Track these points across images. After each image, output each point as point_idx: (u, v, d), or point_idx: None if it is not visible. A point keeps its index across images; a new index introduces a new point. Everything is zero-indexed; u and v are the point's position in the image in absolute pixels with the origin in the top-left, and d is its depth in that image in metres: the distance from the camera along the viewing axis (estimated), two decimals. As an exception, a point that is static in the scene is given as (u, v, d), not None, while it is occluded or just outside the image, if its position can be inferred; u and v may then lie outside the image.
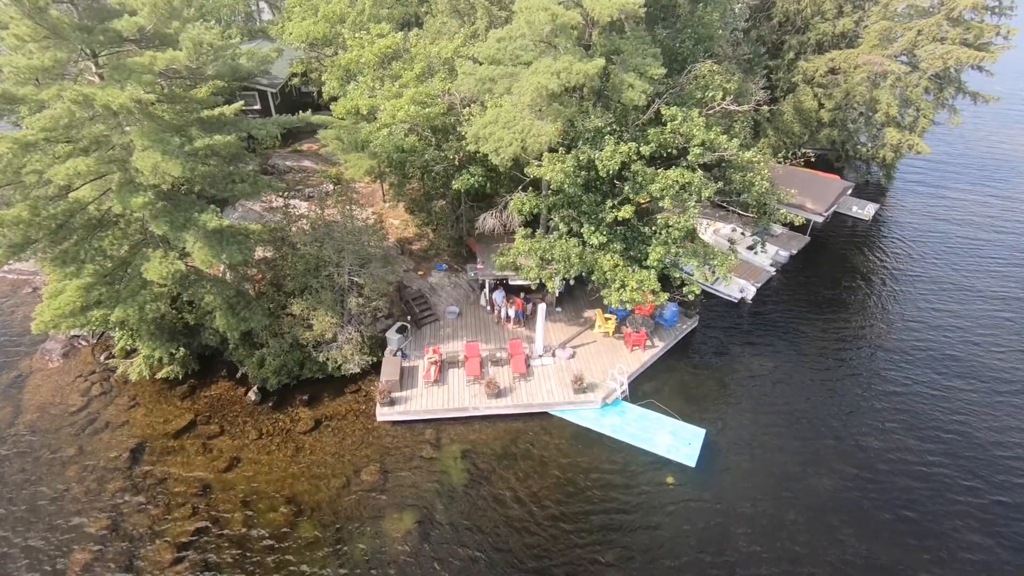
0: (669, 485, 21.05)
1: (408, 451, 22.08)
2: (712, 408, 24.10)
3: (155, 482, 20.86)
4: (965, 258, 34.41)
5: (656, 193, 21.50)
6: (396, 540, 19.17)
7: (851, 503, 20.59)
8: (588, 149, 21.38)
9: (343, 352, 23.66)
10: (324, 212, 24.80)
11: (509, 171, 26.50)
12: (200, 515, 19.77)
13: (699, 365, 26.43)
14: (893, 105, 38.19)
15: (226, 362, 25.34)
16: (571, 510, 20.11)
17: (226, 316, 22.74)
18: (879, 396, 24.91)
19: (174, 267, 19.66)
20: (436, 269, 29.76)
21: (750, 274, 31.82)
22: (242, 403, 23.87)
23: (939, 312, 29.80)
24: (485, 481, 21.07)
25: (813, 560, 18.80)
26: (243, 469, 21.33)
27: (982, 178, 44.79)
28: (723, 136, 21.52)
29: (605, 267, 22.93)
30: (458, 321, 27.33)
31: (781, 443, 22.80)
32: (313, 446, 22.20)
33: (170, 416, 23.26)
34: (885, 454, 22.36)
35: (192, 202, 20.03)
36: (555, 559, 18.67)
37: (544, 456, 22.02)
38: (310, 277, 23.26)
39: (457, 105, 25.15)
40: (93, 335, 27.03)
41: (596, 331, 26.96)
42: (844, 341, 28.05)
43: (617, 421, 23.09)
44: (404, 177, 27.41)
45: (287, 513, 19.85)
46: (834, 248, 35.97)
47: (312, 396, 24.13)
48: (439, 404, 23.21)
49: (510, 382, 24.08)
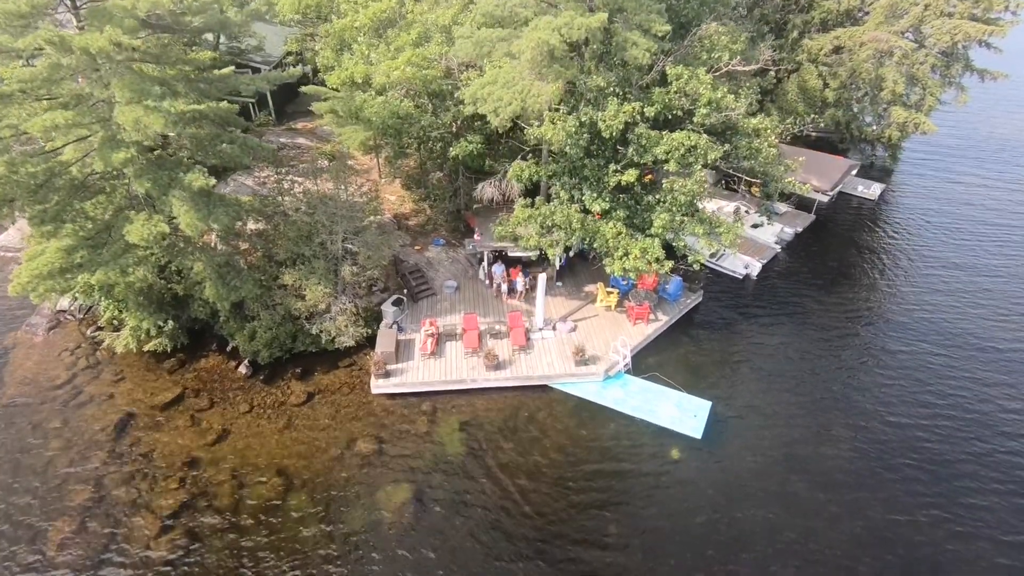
0: (674, 458, 20.32)
1: (404, 424, 21.34)
2: (718, 381, 23.38)
3: (141, 454, 20.10)
4: (972, 237, 33.66)
5: (661, 156, 20.75)
6: (391, 513, 18.44)
7: (861, 474, 19.90)
8: (590, 110, 20.62)
9: (337, 324, 22.88)
10: (319, 185, 23.95)
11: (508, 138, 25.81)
12: (187, 487, 19.03)
13: (704, 339, 25.69)
14: (900, 83, 37.38)
15: (217, 336, 24.58)
16: (572, 483, 19.38)
17: (215, 286, 21.93)
18: (885, 368, 24.25)
19: (157, 229, 18.83)
20: (433, 244, 29.00)
21: (755, 251, 31.09)
22: (233, 377, 23.11)
23: (945, 289, 29.09)
24: (484, 454, 20.33)
25: (825, 532, 18.10)
26: (233, 442, 20.58)
27: (989, 159, 44.05)
28: (730, 96, 20.76)
29: (608, 235, 22.18)
30: (456, 295, 26.57)
31: (789, 415, 22.10)
32: (306, 419, 21.45)
33: (158, 389, 22.49)
34: (893, 424, 21.73)
35: (178, 162, 19.24)
36: (555, 533, 17.94)
37: (545, 429, 21.29)
38: (302, 244, 22.47)
39: (455, 70, 24.37)
40: (80, 310, 26.28)
41: (598, 305, 26.21)
42: (850, 316, 27.34)
43: (620, 394, 22.36)
44: (400, 148, 26.62)
45: (278, 485, 19.11)
46: (840, 227, 35.23)
47: (305, 370, 23.37)
48: (436, 376, 22.47)
49: (509, 354, 23.33)
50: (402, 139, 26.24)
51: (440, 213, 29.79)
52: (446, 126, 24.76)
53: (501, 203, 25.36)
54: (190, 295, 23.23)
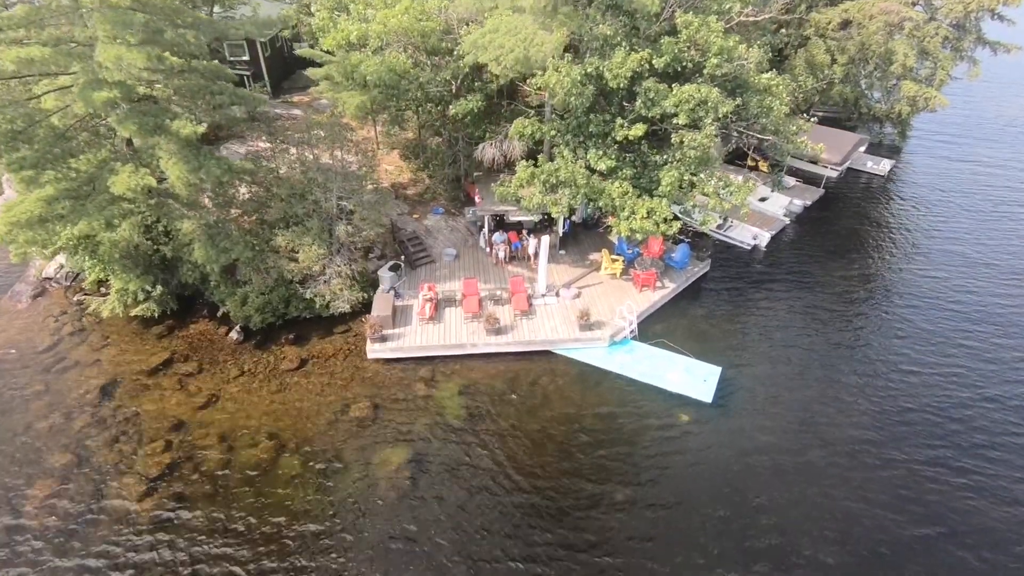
0: (683, 422, 19.44)
1: (401, 389, 20.47)
2: (727, 347, 22.50)
3: (126, 418, 19.23)
4: (981, 213, 32.67)
5: (670, 109, 19.85)
6: (386, 476, 17.58)
7: (877, 435, 19.05)
8: (596, 60, 19.73)
9: (331, 287, 22.00)
10: (314, 155, 22.91)
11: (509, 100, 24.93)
12: (173, 450, 18.16)
13: (712, 306, 24.80)
14: (910, 56, 36.42)
15: (207, 303, 23.71)
16: (577, 449, 18.51)
17: (205, 247, 21.02)
18: (897, 336, 23.46)
19: (144, 181, 17.96)
20: (432, 213, 28.10)
21: (763, 223, 30.22)
22: (223, 343, 22.24)
23: (953, 260, 28.25)
24: (484, 418, 19.46)
25: (843, 494, 17.23)
26: (222, 406, 19.71)
27: (998, 137, 43.16)
28: (742, 46, 19.86)
29: (613, 194, 21.30)
30: (455, 263, 25.68)
31: (801, 380, 21.26)
32: (298, 384, 20.58)
33: (145, 354, 21.62)
34: (906, 385, 21.02)
35: (165, 110, 18.34)
36: (560, 500, 17.07)
37: (548, 394, 20.42)
38: (295, 203, 21.58)
39: (454, 27, 23.44)
40: (67, 277, 25.40)
41: (603, 273, 25.32)
42: (860, 284, 26.49)
43: (626, 359, 21.48)
44: (399, 110, 25.72)
45: (268, 448, 18.24)
46: (849, 200, 34.36)
47: (299, 336, 22.50)
48: (435, 341, 21.59)
49: (511, 319, 22.46)
50: (400, 101, 25.34)
51: (439, 182, 28.89)
52: (445, 83, 23.83)
53: (503, 166, 24.46)
54: (179, 257, 22.34)
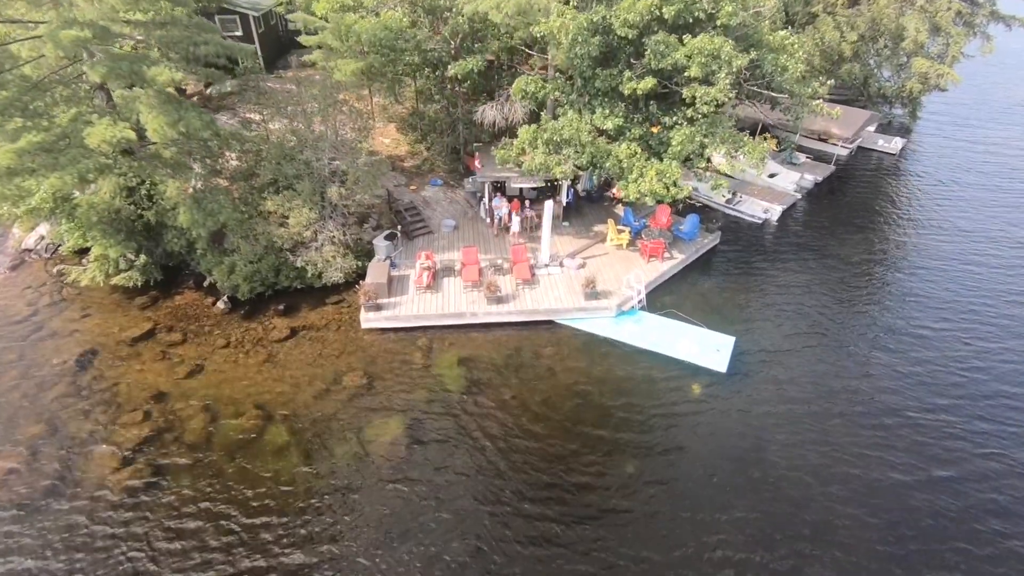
0: (696, 393, 18.30)
1: (397, 359, 19.32)
2: (739, 319, 21.36)
3: (103, 388, 18.05)
4: (994, 191, 31.56)
5: (682, 60, 18.74)
6: (381, 446, 16.42)
7: (900, 406, 17.95)
8: (602, 8, 18.63)
9: (323, 255, 20.87)
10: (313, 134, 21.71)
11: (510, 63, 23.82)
12: (153, 421, 16.98)
13: (723, 278, 23.67)
14: (922, 31, 35.38)
15: (194, 273, 22.54)
16: (584, 421, 17.34)
17: (191, 211, 19.87)
18: (914, 306, 22.42)
19: (122, 133, 16.78)
20: (430, 184, 26.99)
21: (774, 197, 29.16)
22: (210, 313, 21.06)
23: (966, 236, 27.11)
24: (485, 389, 18.31)
25: (867, 467, 16.09)
26: (206, 376, 18.54)
27: (1011, 118, 42.15)
28: (758, -7, 18.77)
29: (621, 156, 20.19)
30: (454, 234, 24.55)
31: (817, 350, 20.16)
32: (288, 354, 19.42)
33: (127, 325, 20.44)
34: (928, 356, 19.97)
35: (142, 56, 17.19)
36: (565, 475, 15.89)
37: (552, 365, 19.27)
38: (285, 164, 20.43)
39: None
40: (47, 249, 24.23)
41: (608, 244, 24.20)
42: (873, 258, 25.39)
43: (634, 329, 20.35)
44: (396, 74, 24.59)
45: (255, 418, 17.07)
46: (860, 178, 33.28)
47: (289, 306, 21.33)
48: (432, 310, 20.45)
49: (513, 289, 21.32)
50: (397, 65, 24.23)
51: (437, 153, 27.82)
52: (444, 41, 22.71)
53: (504, 130, 23.34)
54: (163, 223, 21.18)
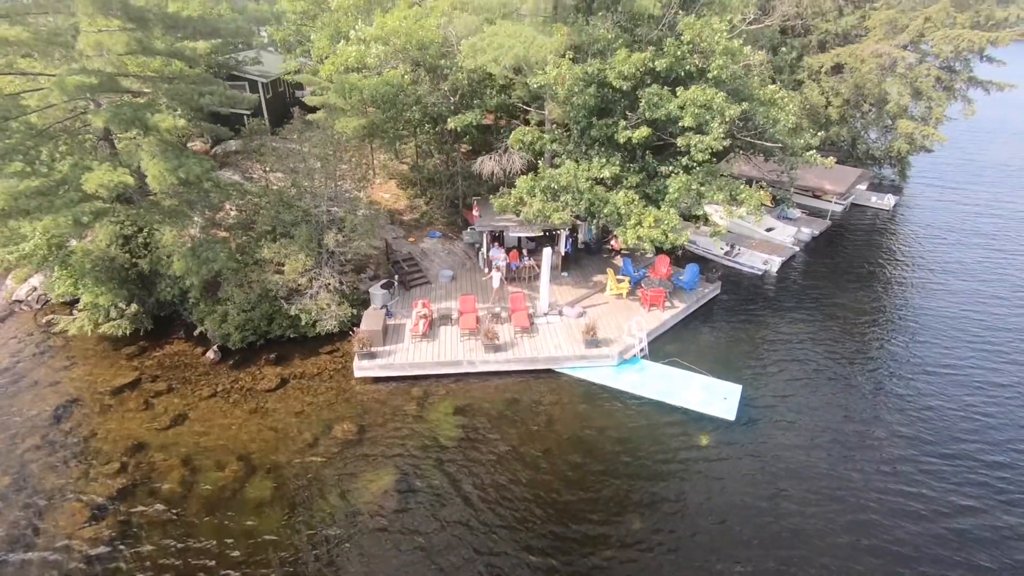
0: (703, 443, 17.39)
1: (390, 408, 18.50)
2: (744, 367, 20.71)
3: (79, 440, 17.14)
4: (989, 247, 31.62)
5: (675, 111, 19.17)
6: (370, 501, 15.34)
7: (915, 451, 17.09)
8: (597, 62, 19.26)
9: (318, 302, 20.49)
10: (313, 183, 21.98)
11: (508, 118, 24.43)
12: (128, 473, 15.98)
13: (725, 327, 23.18)
14: (905, 95, 36.85)
15: (185, 323, 22.08)
16: (586, 473, 16.36)
17: (185, 259, 19.70)
18: (919, 352, 21.90)
19: (120, 178, 16.83)
20: (429, 236, 27.03)
21: (772, 249, 29.18)
22: (198, 363, 20.42)
23: (965, 288, 26.90)
24: (481, 440, 17.40)
25: (891, 522, 14.97)
26: (189, 427, 17.66)
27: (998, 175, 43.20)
28: (747, 48, 19.47)
29: (619, 203, 20.27)
30: (452, 284, 24.28)
31: (827, 398, 19.41)
32: (277, 404, 18.62)
33: (111, 375, 19.76)
34: (938, 398, 19.36)
35: (147, 105, 17.54)
36: (567, 530, 14.79)
37: (552, 415, 18.44)
38: (283, 210, 20.43)
39: (453, 41, 23.25)
40: (38, 300, 23.90)
41: (608, 293, 23.89)
42: (875, 308, 24.99)
43: (637, 378, 19.66)
44: (397, 129, 25.19)
45: (237, 472, 16.07)
46: (856, 231, 33.54)
47: (281, 356, 20.73)
48: (428, 358, 19.82)
49: (511, 337, 20.79)
50: (398, 122, 24.89)
51: (436, 206, 28.09)
52: (444, 96, 23.37)
53: (502, 180, 23.61)
54: (157, 272, 20.93)
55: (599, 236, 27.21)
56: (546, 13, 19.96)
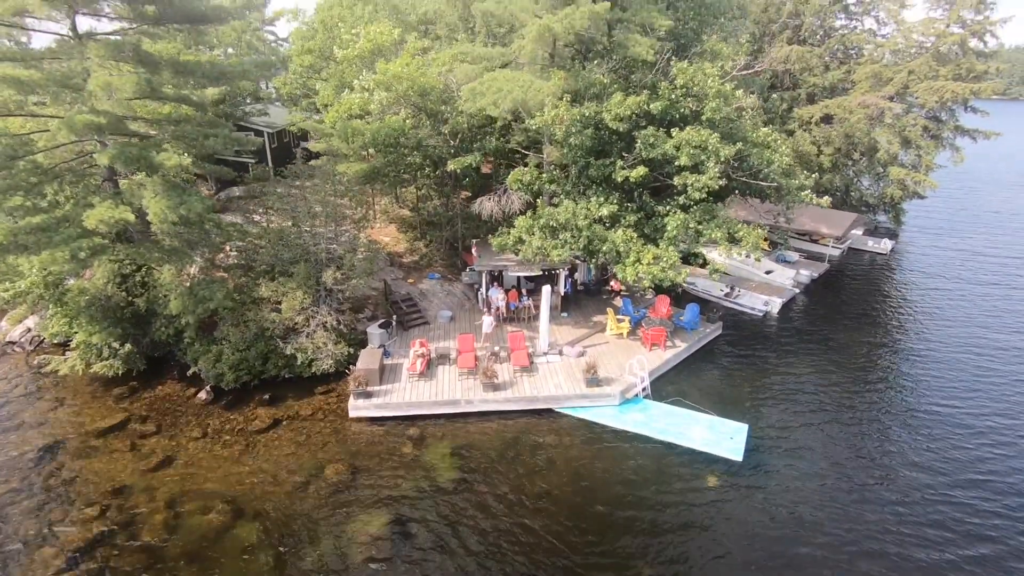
0: (712, 484, 16.69)
1: (385, 449, 17.88)
2: (749, 406, 20.20)
3: (61, 482, 16.44)
4: (988, 288, 31.68)
5: (671, 151, 19.54)
6: (363, 545, 14.55)
7: (927, 484, 16.59)
8: (594, 105, 19.78)
9: (315, 341, 20.19)
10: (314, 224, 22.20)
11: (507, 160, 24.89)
12: (109, 517, 15.22)
13: (728, 367, 22.79)
14: (894, 143, 37.77)
15: (179, 364, 21.68)
16: (589, 516, 15.61)
17: (182, 297, 19.57)
18: (922, 388, 21.66)
19: (120, 215, 16.92)
20: (428, 278, 26.99)
21: (772, 291, 29.11)
22: (190, 403, 19.92)
23: (966, 323, 26.85)
24: (479, 482, 16.71)
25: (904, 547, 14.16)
26: (176, 469, 16.99)
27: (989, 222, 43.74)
28: (739, 91, 20.04)
29: (617, 240, 20.34)
30: (450, 324, 24.04)
31: (834, 434, 18.90)
32: (268, 445, 18.00)
33: (99, 416, 19.22)
34: (946, 433, 19.01)
35: (153, 144, 17.86)
36: (569, 570, 13.97)
37: (553, 455, 17.80)
38: (282, 248, 20.44)
39: (453, 88, 24.00)
40: (31, 342, 23.60)
41: (608, 333, 23.62)
42: (877, 348, 24.72)
43: (640, 417, 19.12)
44: (398, 172, 25.61)
45: (223, 515, 15.32)
46: (855, 275, 33.63)
47: (275, 396, 20.23)
48: (425, 397, 19.33)
49: (511, 376, 20.37)
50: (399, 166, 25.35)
51: (436, 249, 28.21)
52: (443, 139, 23.89)
53: (501, 221, 23.78)
54: (153, 311, 20.73)
55: (598, 277, 27.20)
56: (543, 61, 20.68)
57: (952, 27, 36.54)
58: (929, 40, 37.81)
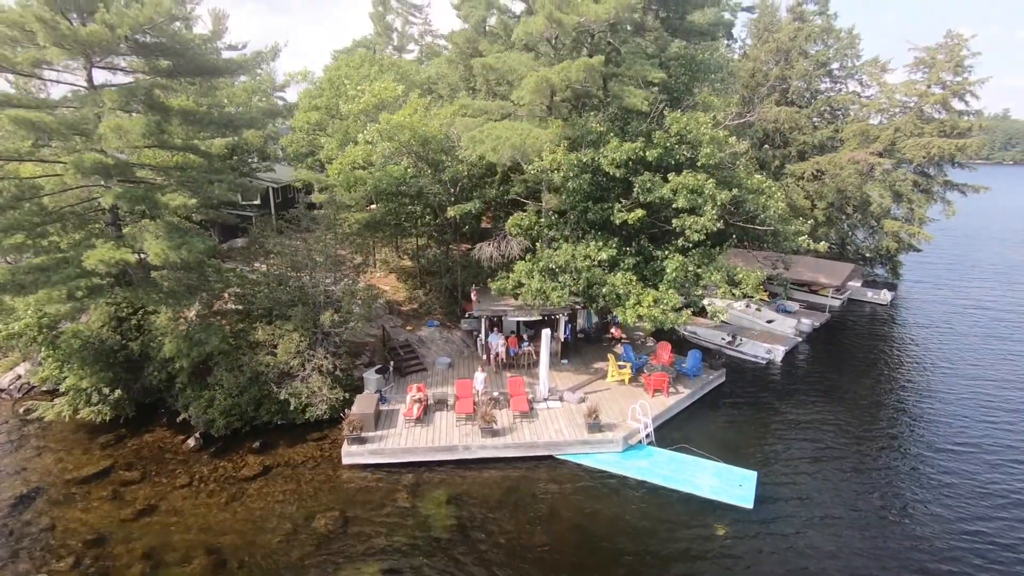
0: (721, 533, 15.83)
1: (379, 497, 17.08)
2: (757, 453, 19.51)
3: (37, 531, 15.60)
4: (988, 337, 31.36)
5: (668, 194, 19.86)
6: (350, 599, 13.63)
7: (947, 519, 15.91)
8: (591, 151, 20.28)
9: (309, 385, 19.76)
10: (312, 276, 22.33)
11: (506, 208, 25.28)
12: (82, 569, 14.33)
13: (734, 414, 22.18)
14: (886, 197, 38.49)
15: (169, 411, 21.14)
16: (594, 568, 14.70)
17: (177, 340, 19.35)
18: (931, 430, 21.21)
19: (120, 255, 16.96)
20: (427, 325, 26.78)
21: (775, 340, 28.82)
22: (177, 450, 19.25)
23: (970, 371, 26.39)
24: (477, 531, 15.85)
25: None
26: (158, 517, 16.17)
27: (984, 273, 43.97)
28: (732, 138, 20.59)
29: (617, 283, 20.32)
30: (449, 371, 23.62)
31: (844, 477, 18.31)
32: (256, 493, 17.22)
33: (82, 463, 18.52)
34: (959, 470, 18.64)
35: (158, 186, 18.16)
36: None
37: (555, 504, 16.99)
38: (280, 291, 20.36)
39: (454, 139, 24.71)
40: (21, 389, 23.13)
41: (609, 380, 23.16)
42: (884, 396, 24.24)
43: (645, 464, 18.41)
44: (399, 221, 25.96)
45: (204, 565, 14.44)
46: (856, 324, 33.45)
47: (266, 443, 19.58)
48: (421, 443, 18.68)
49: (510, 421, 19.79)
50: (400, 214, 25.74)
51: (435, 297, 28.17)
52: (444, 186, 24.33)
53: (501, 265, 23.86)
54: (146, 355, 20.41)
55: (599, 325, 26.99)
56: (541, 112, 21.37)
57: (933, 87, 38.10)
58: (912, 100, 39.33)
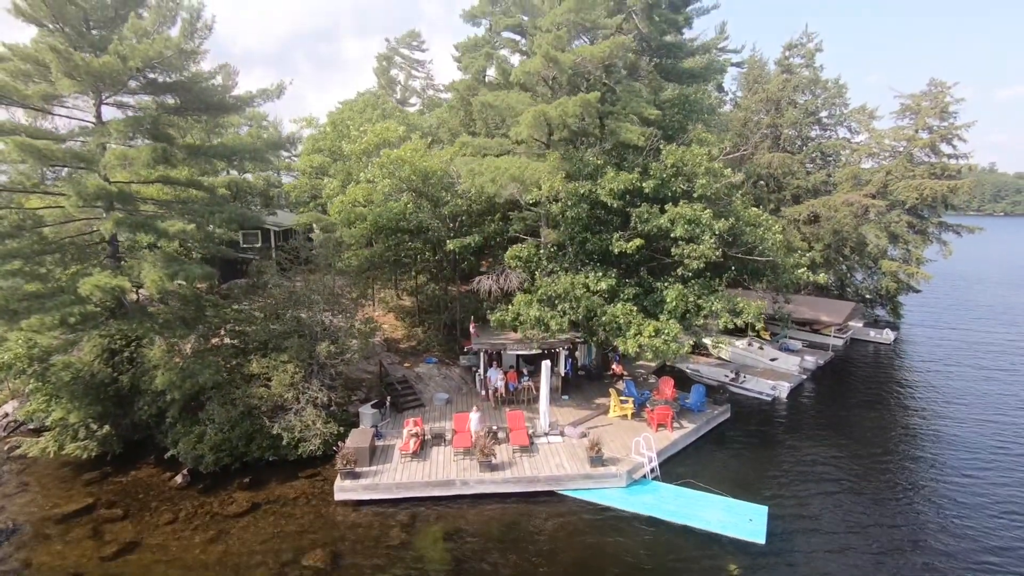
0: (733, 572, 14.97)
1: (371, 534, 16.27)
2: (765, 488, 18.74)
3: (10, 571, 14.75)
4: (992, 376, 30.82)
5: (665, 224, 19.99)
6: (339, 640, 12.71)
7: (964, 551, 15.11)
8: (589, 184, 20.55)
9: (303, 419, 19.22)
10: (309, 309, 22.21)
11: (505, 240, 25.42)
12: (54, 609, 13.47)
13: (740, 449, 21.48)
14: (882, 237, 38.86)
15: (157, 448, 20.45)
16: (599, 607, 13.86)
17: (168, 373, 18.97)
18: (940, 463, 20.62)
19: (115, 282, 16.88)
20: (425, 362, 26.37)
21: (779, 377, 28.36)
22: (164, 487, 18.51)
23: (975, 410, 25.62)
24: (475, 571, 14.99)
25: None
26: (137, 557, 15.34)
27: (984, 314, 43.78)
28: (727, 170, 20.91)
29: (617, 313, 20.15)
30: (447, 407, 23.06)
31: (859, 509, 17.64)
32: (244, 531, 16.41)
33: (63, 500, 17.76)
34: (974, 502, 17.85)
35: (160, 216, 18.27)
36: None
37: (556, 541, 16.16)
38: (274, 322, 20.12)
39: (454, 176, 25.12)
40: (7, 427, 22.51)
41: (612, 415, 22.58)
42: (888, 426, 23.71)
43: (650, 499, 17.65)
44: (399, 257, 26.02)
45: (184, 606, 13.58)
46: (860, 362, 33.03)
47: (256, 480, 18.86)
48: (418, 478, 17.97)
49: (509, 456, 19.12)
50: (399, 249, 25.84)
51: (433, 334, 27.90)
52: (443, 220, 24.51)
53: (499, 298, 23.72)
54: (137, 387, 19.94)
55: (599, 361, 26.58)
56: (539, 150, 21.79)
57: (921, 132, 39.14)
58: (901, 144, 40.32)
